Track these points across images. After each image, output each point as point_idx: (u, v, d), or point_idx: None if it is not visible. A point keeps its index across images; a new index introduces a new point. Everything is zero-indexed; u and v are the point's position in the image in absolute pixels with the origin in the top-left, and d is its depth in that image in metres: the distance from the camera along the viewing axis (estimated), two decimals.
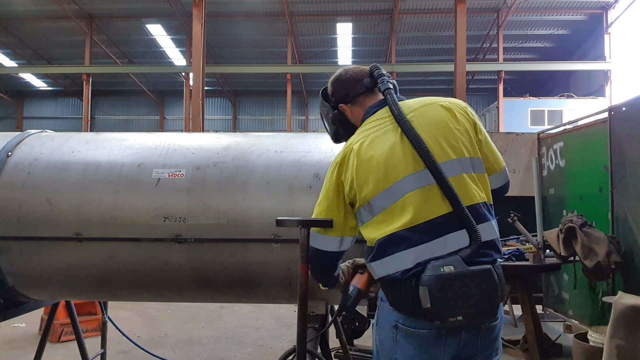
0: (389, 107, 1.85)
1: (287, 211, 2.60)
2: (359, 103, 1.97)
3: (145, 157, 2.87)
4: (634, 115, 4.14)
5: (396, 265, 1.68)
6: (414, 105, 1.87)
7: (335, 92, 2.02)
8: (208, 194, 2.72)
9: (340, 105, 2.00)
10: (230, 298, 3.02)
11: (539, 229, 4.76)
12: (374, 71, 1.96)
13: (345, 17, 20.27)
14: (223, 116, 29.79)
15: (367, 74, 1.98)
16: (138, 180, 2.77)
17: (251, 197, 2.69)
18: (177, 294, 2.92)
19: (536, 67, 21.26)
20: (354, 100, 1.98)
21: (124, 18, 21.12)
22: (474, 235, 1.65)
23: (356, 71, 2.01)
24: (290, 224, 1.95)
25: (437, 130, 1.78)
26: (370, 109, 1.93)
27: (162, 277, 2.74)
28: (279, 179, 2.71)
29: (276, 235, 2.62)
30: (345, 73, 2.02)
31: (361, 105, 1.97)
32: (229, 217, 2.67)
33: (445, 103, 1.87)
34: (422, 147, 1.71)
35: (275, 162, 2.78)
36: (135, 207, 2.72)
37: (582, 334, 4.39)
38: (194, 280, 2.78)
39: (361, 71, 2.00)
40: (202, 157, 2.85)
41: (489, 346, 1.75)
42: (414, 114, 1.81)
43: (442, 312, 1.59)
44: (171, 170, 2.79)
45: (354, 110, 1.98)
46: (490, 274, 1.64)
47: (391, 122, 1.82)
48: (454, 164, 1.73)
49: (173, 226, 2.68)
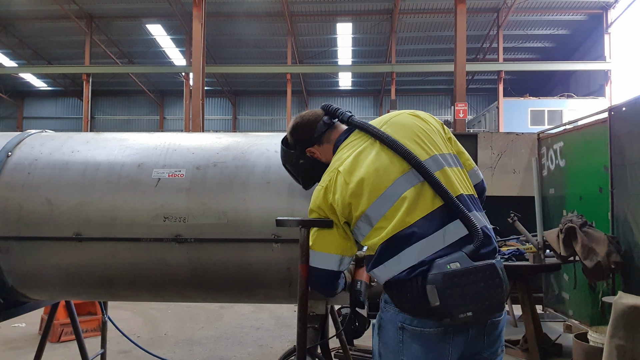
0: (361, 127, 1.93)
1: (287, 211, 2.60)
2: (326, 140, 2.03)
3: (145, 157, 2.87)
4: (634, 115, 4.14)
5: (400, 265, 1.70)
6: (382, 120, 1.97)
7: (298, 140, 2.08)
8: (208, 194, 2.72)
9: (307, 150, 2.06)
10: (230, 298, 3.02)
11: (539, 229, 4.76)
12: (329, 108, 2.05)
13: (345, 17, 20.27)
14: (223, 116, 29.79)
15: (322, 113, 2.06)
16: (138, 180, 2.77)
17: (251, 197, 2.69)
18: (177, 294, 2.92)
19: (536, 67, 21.27)
20: (319, 140, 2.04)
21: (124, 18, 21.13)
22: (468, 223, 1.70)
23: (311, 114, 2.09)
24: (291, 224, 1.96)
25: (412, 133, 1.87)
26: (340, 138, 1.99)
27: (162, 277, 2.73)
28: (279, 179, 2.70)
29: (276, 235, 2.62)
30: (302, 119, 2.09)
31: (328, 141, 2.03)
32: (229, 217, 2.67)
33: (411, 112, 1.99)
34: (403, 149, 1.78)
35: (276, 162, 2.77)
36: (135, 207, 2.72)
37: (582, 334, 4.39)
38: (194, 280, 2.78)
39: (315, 113, 2.08)
40: (202, 157, 2.85)
41: (494, 342, 1.78)
42: (386, 126, 1.90)
43: (451, 309, 1.60)
44: (171, 170, 2.79)
45: (322, 150, 2.03)
46: (495, 268, 1.67)
47: (366, 139, 1.89)
48: (435, 160, 1.81)
49: (173, 226, 2.68)
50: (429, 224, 1.71)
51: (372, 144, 1.86)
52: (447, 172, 1.80)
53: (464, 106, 13.66)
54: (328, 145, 2.02)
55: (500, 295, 1.67)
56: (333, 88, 27.94)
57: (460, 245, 1.69)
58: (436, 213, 1.72)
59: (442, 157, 1.83)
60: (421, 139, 1.85)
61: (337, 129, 2.03)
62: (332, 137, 2.02)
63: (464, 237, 1.71)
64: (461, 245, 1.69)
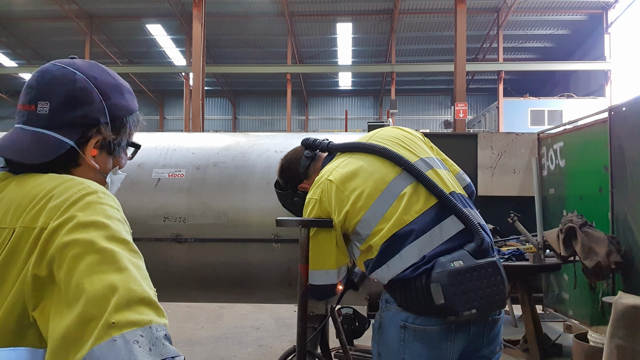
0: (344, 147, 1.98)
1: (287, 211, 2.60)
2: (312, 172, 2.09)
3: (145, 157, 2.87)
4: (634, 115, 4.14)
5: (403, 263, 1.71)
6: (366, 137, 2.05)
7: (288, 179, 2.16)
8: (208, 194, 2.72)
9: (299, 187, 2.13)
10: (230, 298, 3.02)
11: (539, 229, 4.76)
12: (307, 142, 2.12)
13: (345, 17, 20.26)
14: (223, 116, 29.78)
15: (302, 148, 2.14)
16: (138, 180, 2.77)
17: (251, 197, 2.69)
18: (177, 294, 2.92)
19: (536, 67, 21.26)
20: (306, 174, 2.11)
21: (124, 18, 21.12)
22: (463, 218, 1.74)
23: (292, 153, 2.19)
24: (291, 224, 1.96)
25: (398, 139, 1.95)
26: (324, 163, 2.04)
27: (162, 277, 2.74)
28: None
29: (276, 235, 2.62)
30: (286, 161, 2.19)
31: (315, 172, 2.08)
32: (229, 217, 2.68)
33: (393, 126, 2.12)
34: (393, 154, 1.84)
35: (275, 162, 2.75)
36: (135, 207, 2.72)
37: (582, 334, 4.39)
38: (194, 280, 2.78)
39: (296, 151, 2.18)
40: (202, 157, 2.85)
41: (493, 340, 1.80)
42: (371, 139, 1.96)
43: (456, 306, 1.62)
44: (171, 170, 2.79)
45: (311, 182, 2.07)
46: (496, 265, 1.71)
47: (352, 154, 1.94)
48: (424, 161, 1.88)
49: (173, 226, 2.69)
50: (426, 221, 1.74)
51: (359, 155, 1.92)
52: (437, 172, 1.87)
53: (464, 106, 13.66)
54: (315, 176, 2.05)
55: (502, 292, 1.70)
56: (333, 88, 27.92)
57: (459, 241, 1.72)
58: (432, 210, 1.76)
59: (429, 160, 1.91)
60: (407, 144, 1.94)
61: (320, 158, 2.10)
62: (317, 166, 2.08)
63: (462, 231, 1.74)
64: (460, 240, 1.73)
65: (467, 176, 2.12)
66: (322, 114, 28.31)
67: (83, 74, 1.08)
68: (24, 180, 1.00)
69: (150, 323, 0.83)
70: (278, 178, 2.21)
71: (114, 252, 0.88)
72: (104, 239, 0.88)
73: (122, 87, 1.16)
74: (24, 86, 1.10)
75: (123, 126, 1.15)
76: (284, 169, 2.18)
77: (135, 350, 0.77)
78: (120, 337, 0.77)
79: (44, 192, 0.95)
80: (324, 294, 1.99)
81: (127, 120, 1.16)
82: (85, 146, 1.08)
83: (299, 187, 2.13)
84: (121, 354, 0.76)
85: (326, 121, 28.06)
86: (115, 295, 0.81)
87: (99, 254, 0.86)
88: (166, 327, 0.86)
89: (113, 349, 0.76)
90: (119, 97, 1.14)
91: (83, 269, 0.84)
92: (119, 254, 0.88)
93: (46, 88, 1.05)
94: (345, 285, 2.08)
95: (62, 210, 0.91)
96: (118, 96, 1.13)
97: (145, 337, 0.80)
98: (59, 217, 0.90)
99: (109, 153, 1.15)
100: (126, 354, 0.76)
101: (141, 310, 0.83)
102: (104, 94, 1.09)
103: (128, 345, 0.77)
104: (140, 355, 0.77)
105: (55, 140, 1.04)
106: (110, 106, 1.10)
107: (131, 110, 1.17)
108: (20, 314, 0.86)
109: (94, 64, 1.14)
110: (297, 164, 2.12)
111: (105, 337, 0.77)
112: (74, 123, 1.06)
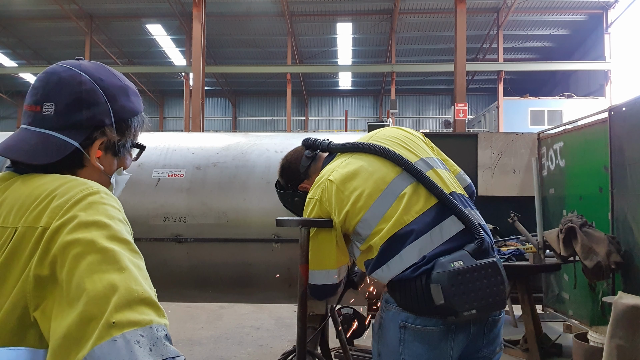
0: (345, 147, 1.98)
1: (287, 211, 2.60)
2: (312, 172, 2.09)
3: (145, 157, 2.86)
4: (634, 115, 4.14)
5: (403, 263, 1.71)
6: (366, 137, 2.04)
7: (289, 179, 2.16)
8: (208, 194, 2.72)
9: (299, 187, 2.13)
10: (230, 298, 3.02)
11: (539, 229, 4.76)
12: (307, 141, 2.12)
13: (345, 17, 20.26)
14: (223, 116, 29.78)
15: (303, 148, 2.14)
16: (138, 180, 2.77)
17: (251, 197, 2.69)
18: (177, 294, 2.92)
19: (536, 67, 21.25)
20: (307, 174, 2.11)
21: (124, 18, 21.12)
22: (463, 218, 1.73)
23: (293, 153, 2.18)
24: (291, 224, 1.96)
25: (398, 140, 1.94)
26: (325, 163, 2.04)
27: (162, 277, 2.74)
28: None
29: (276, 235, 2.62)
30: (286, 161, 2.18)
31: (315, 172, 2.07)
32: (229, 217, 2.68)
33: (393, 126, 2.10)
34: (393, 154, 1.83)
35: (275, 162, 2.76)
36: (135, 207, 2.72)
37: (582, 334, 4.39)
38: (194, 280, 2.78)
39: (296, 151, 2.17)
40: (202, 157, 2.85)
41: (493, 341, 1.80)
42: (371, 140, 1.96)
43: (456, 307, 1.62)
44: (171, 170, 2.79)
45: (312, 182, 2.06)
46: (497, 266, 1.71)
47: (352, 155, 1.93)
48: (424, 161, 1.87)
49: (173, 226, 2.69)
50: (426, 221, 1.74)
51: (359, 155, 1.91)
52: (437, 172, 1.86)
53: (464, 106, 13.65)
54: (316, 176, 2.05)
55: (502, 292, 1.70)
56: (333, 88, 27.92)
57: (459, 241, 1.72)
58: (432, 210, 1.76)
59: (430, 160, 1.90)
60: (407, 144, 1.93)
61: (321, 158, 2.10)
62: (318, 166, 2.08)
63: (462, 231, 1.74)
64: (460, 240, 1.72)
65: (467, 176, 2.12)
66: (322, 114, 28.30)
67: (89, 76, 1.08)
68: (28, 180, 1.00)
69: (151, 323, 0.82)
70: (279, 178, 2.21)
71: (115, 251, 0.88)
72: (105, 239, 0.88)
73: (128, 89, 1.16)
74: (30, 87, 1.10)
75: (128, 128, 1.15)
76: (284, 169, 2.18)
77: (135, 350, 0.77)
78: (120, 337, 0.77)
79: (47, 192, 0.95)
80: (324, 293, 1.99)
81: (132, 122, 1.16)
82: (90, 147, 1.08)
83: (299, 187, 2.13)
84: (122, 353, 0.76)
85: (326, 121, 28.06)
86: (115, 295, 0.82)
87: (100, 253, 0.86)
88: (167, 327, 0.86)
89: (114, 348, 0.76)
90: (125, 99, 1.14)
91: (84, 269, 0.84)
92: (120, 253, 0.88)
93: (52, 89, 1.05)
94: (346, 284, 2.09)
95: (65, 210, 0.91)
96: (124, 98, 1.13)
97: (145, 337, 0.80)
98: (62, 217, 0.90)
99: (114, 154, 1.15)
100: (127, 354, 0.76)
101: (142, 310, 0.83)
102: (109, 96, 1.09)
103: (129, 345, 0.77)
104: (141, 355, 0.77)
105: (60, 142, 1.04)
106: (116, 108, 1.11)
107: (136, 112, 1.17)
108: (21, 314, 0.86)
109: (100, 66, 1.14)
110: (298, 164, 2.12)
111: (106, 336, 0.77)
112: (79, 124, 1.06)
